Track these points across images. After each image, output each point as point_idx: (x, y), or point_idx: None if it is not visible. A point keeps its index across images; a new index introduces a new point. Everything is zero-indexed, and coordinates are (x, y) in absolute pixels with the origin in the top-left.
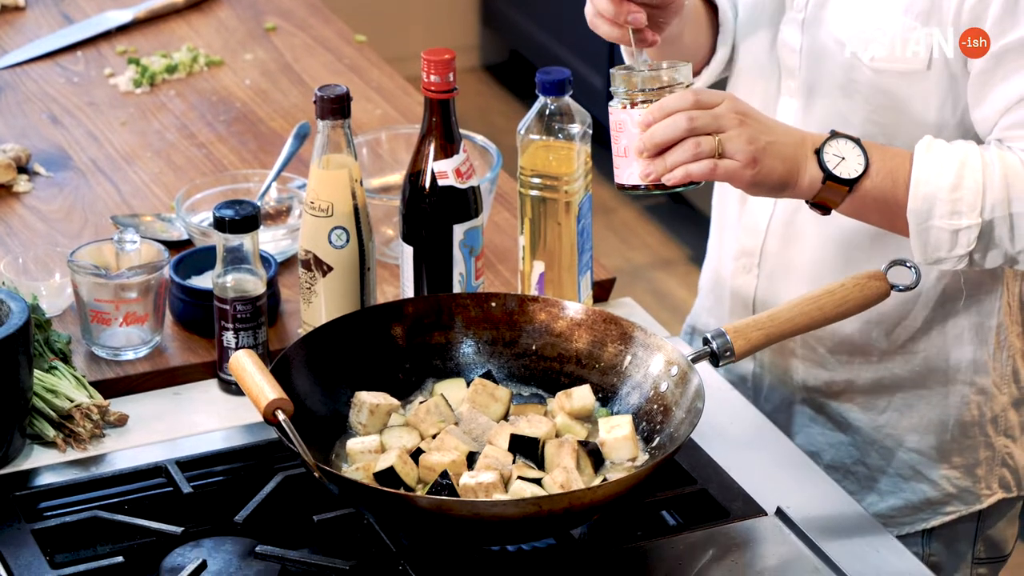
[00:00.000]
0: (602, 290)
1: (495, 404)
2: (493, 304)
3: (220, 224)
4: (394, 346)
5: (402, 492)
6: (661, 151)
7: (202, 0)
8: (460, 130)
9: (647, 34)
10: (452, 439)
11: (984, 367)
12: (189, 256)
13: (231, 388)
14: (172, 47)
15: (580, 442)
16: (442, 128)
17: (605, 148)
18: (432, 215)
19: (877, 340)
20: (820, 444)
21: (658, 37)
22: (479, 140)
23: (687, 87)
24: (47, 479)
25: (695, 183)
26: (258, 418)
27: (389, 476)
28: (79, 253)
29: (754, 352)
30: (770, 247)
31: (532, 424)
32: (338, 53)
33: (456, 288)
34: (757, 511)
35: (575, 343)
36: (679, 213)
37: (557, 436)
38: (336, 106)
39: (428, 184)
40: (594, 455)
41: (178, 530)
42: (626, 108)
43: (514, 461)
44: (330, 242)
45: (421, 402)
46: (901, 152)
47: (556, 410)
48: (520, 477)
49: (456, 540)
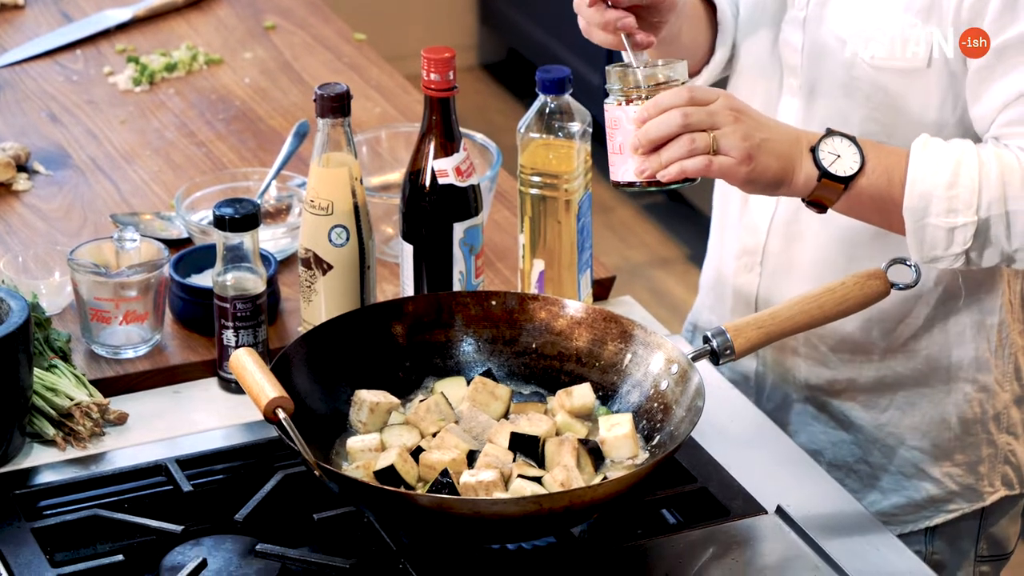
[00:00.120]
0: (602, 288)
1: (495, 402)
2: (493, 302)
3: (220, 222)
4: (394, 344)
5: (402, 490)
6: (656, 147)
7: None
8: (460, 128)
9: (641, 37)
10: (452, 437)
11: (986, 365)
12: (189, 254)
13: (231, 386)
14: (171, 45)
15: (580, 440)
16: (442, 126)
17: (604, 147)
18: (432, 213)
19: (879, 338)
20: (822, 442)
21: (653, 38)
22: (479, 138)
23: (682, 84)
24: (47, 477)
25: (690, 180)
26: (258, 416)
27: (389, 474)
28: (79, 251)
29: (754, 350)
30: (772, 246)
31: (532, 422)
32: (337, 52)
33: (456, 286)
34: (757, 509)
35: (575, 341)
36: (677, 212)
37: (557, 434)
38: (336, 104)
39: (428, 182)
40: (594, 453)
41: (178, 528)
42: (621, 105)
43: (514, 459)
44: (330, 240)
45: (421, 400)
46: (897, 150)
47: (556, 408)
48: (520, 475)
49: (456, 539)
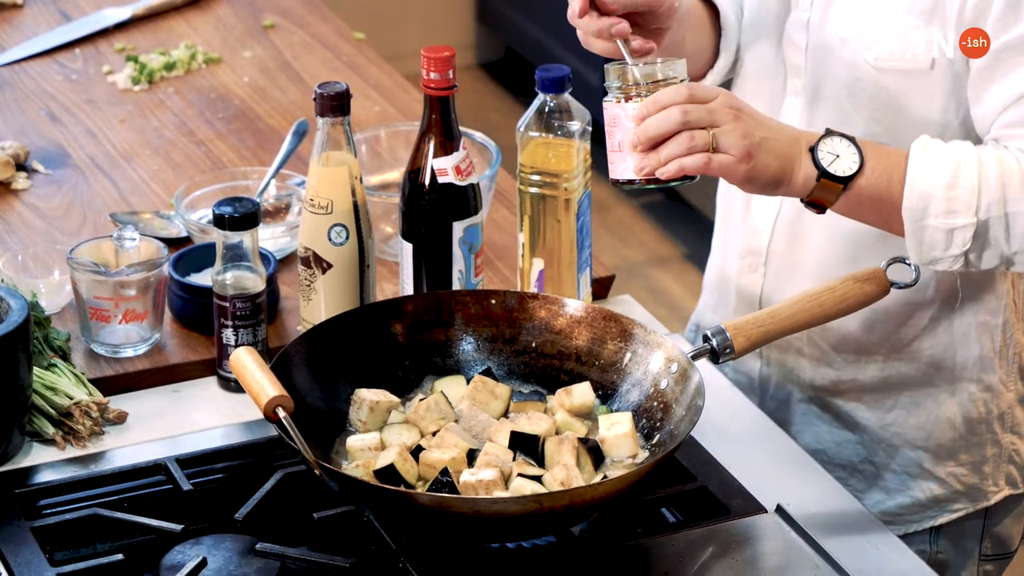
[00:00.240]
0: (601, 287)
1: (495, 401)
2: (493, 301)
3: (220, 221)
4: (394, 343)
5: (402, 489)
6: (655, 145)
7: None
8: (459, 127)
9: (639, 44)
10: (452, 436)
11: (990, 365)
12: (188, 253)
13: (230, 385)
14: (170, 44)
15: (580, 439)
16: (442, 125)
17: (604, 145)
18: (432, 212)
19: (883, 339)
20: (827, 442)
21: (653, 44)
22: (478, 137)
23: (681, 82)
24: (46, 477)
25: (689, 178)
26: (257, 415)
27: (389, 473)
28: (78, 250)
29: (754, 349)
30: (776, 246)
31: (532, 421)
32: (336, 51)
33: (455, 285)
34: (757, 508)
35: (575, 340)
36: (675, 211)
37: (557, 433)
38: (336, 103)
39: (428, 181)
40: (594, 452)
41: (178, 528)
42: (620, 103)
43: (514, 458)
44: (330, 239)
45: (421, 399)
46: (897, 151)
47: (556, 407)
48: (520, 474)
49: (456, 537)
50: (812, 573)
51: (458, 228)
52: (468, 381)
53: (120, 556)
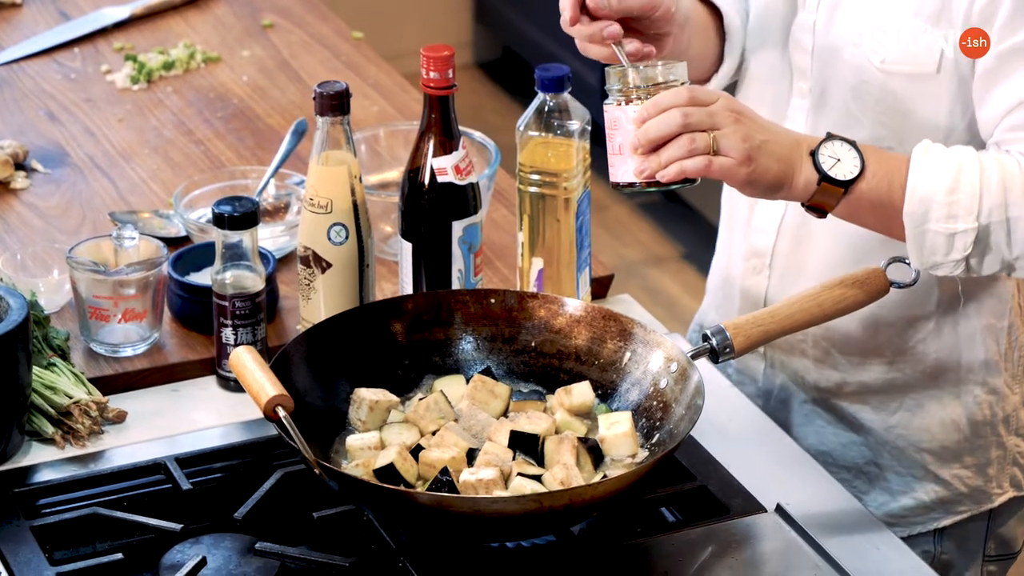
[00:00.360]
0: (600, 287)
1: (494, 400)
2: (492, 300)
3: (219, 220)
4: (393, 342)
5: (402, 489)
6: (655, 148)
7: None
8: (459, 127)
9: (635, 47)
10: (452, 435)
11: (996, 367)
12: (188, 252)
13: (230, 385)
14: (169, 44)
15: (580, 439)
16: (441, 124)
17: (602, 145)
18: (431, 211)
19: (888, 342)
20: (831, 444)
21: (651, 48)
22: (477, 137)
23: (682, 85)
24: (46, 476)
25: (689, 181)
26: (257, 415)
27: (389, 473)
28: (77, 249)
29: (753, 349)
30: (781, 248)
31: (532, 420)
32: (335, 50)
33: (455, 284)
34: (757, 508)
35: (574, 339)
36: (672, 210)
37: (557, 433)
38: (336, 102)
39: (427, 180)
40: (594, 452)
41: (177, 527)
42: (621, 105)
43: (514, 458)
44: (329, 239)
45: (420, 399)
46: (898, 156)
47: (556, 406)
48: (520, 474)
49: (456, 537)
50: (812, 573)
51: (457, 227)
52: (468, 380)
53: (119, 555)
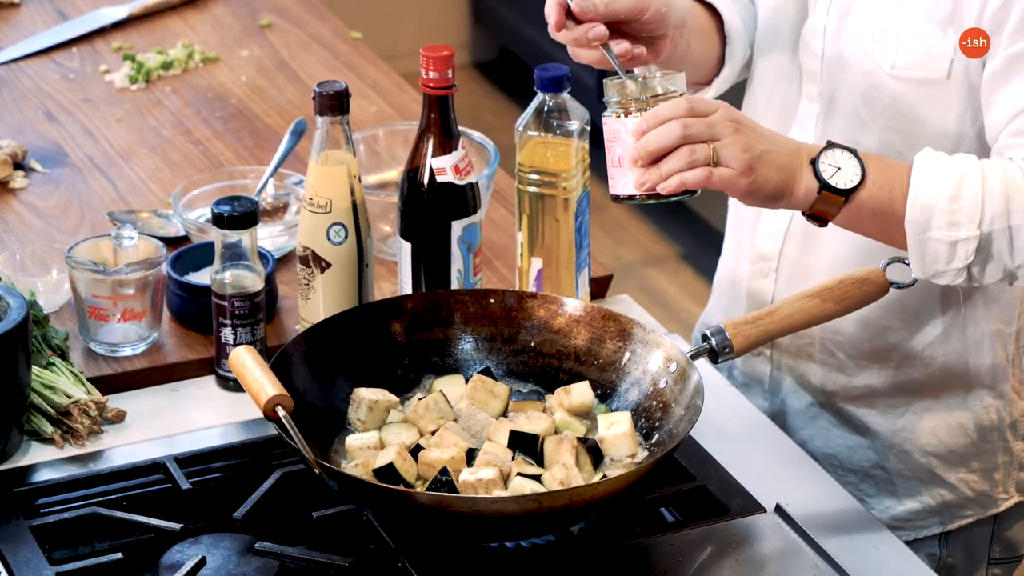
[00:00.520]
0: (599, 287)
1: (494, 400)
2: (492, 300)
3: (219, 220)
4: (393, 342)
5: (402, 489)
6: (655, 160)
7: None
8: (458, 126)
9: (624, 48)
10: (451, 435)
11: (1003, 372)
12: (187, 252)
13: (229, 384)
14: (167, 43)
15: (579, 439)
16: (440, 124)
17: (601, 146)
18: (430, 211)
19: (896, 346)
20: (838, 447)
21: (642, 49)
22: (476, 137)
23: (681, 95)
24: (45, 475)
25: (690, 192)
26: (256, 414)
27: (389, 472)
28: (77, 249)
29: (753, 349)
30: (788, 252)
31: (531, 420)
32: (334, 50)
33: (454, 284)
34: (756, 508)
35: (574, 340)
36: (670, 211)
37: (556, 433)
38: (335, 102)
39: (426, 180)
40: (593, 452)
41: (177, 527)
42: (620, 117)
43: (513, 457)
44: (328, 238)
45: (420, 398)
46: (899, 164)
47: (555, 407)
48: (520, 474)
49: (456, 537)
50: (811, 573)
51: (457, 227)
52: (467, 380)
53: (119, 555)
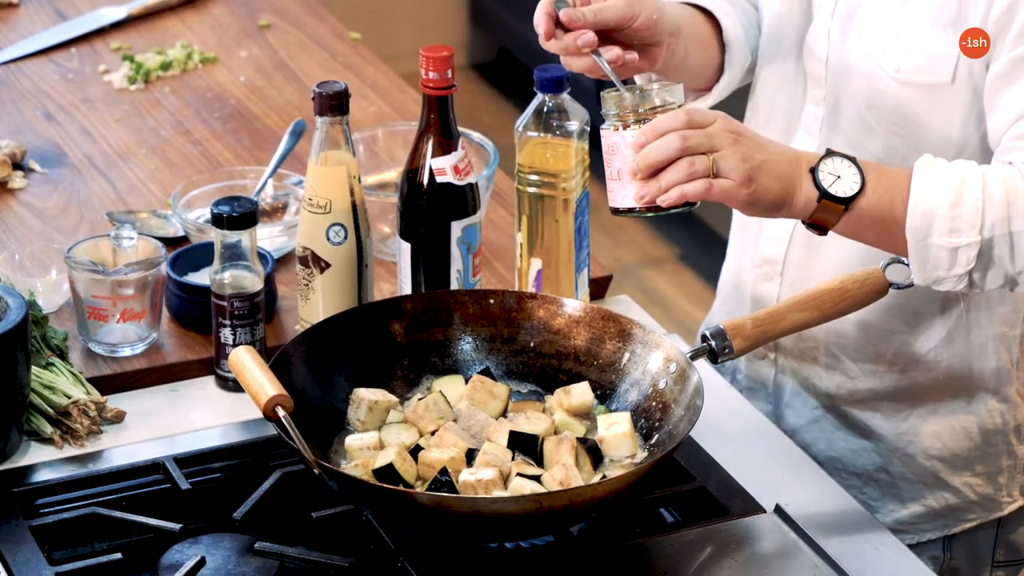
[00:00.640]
0: (598, 287)
1: (493, 401)
2: (491, 301)
3: (218, 220)
4: (392, 343)
5: (402, 489)
6: (655, 172)
7: None
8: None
9: (614, 55)
10: (451, 436)
11: (1007, 376)
12: (186, 252)
13: (228, 385)
14: (166, 44)
15: (579, 439)
16: (440, 125)
17: (600, 146)
18: (430, 212)
19: (900, 349)
20: (842, 450)
21: (633, 55)
22: (475, 137)
23: (679, 107)
24: (44, 476)
25: (690, 204)
26: (255, 415)
27: (388, 473)
28: (76, 249)
29: (753, 349)
30: (793, 256)
31: (531, 421)
32: (332, 50)
33: (454, 285)
34: (756, 508)
35: (573, 340)
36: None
37: (556, 433)
38: (335, 103)
39: (426, 181)
40: (593, 452)
41: (176, 527)
42: (618, 130)
43: (513, 458)
44: (328, 239)
45: (419, 399)
46: (899, 171)
47: (555, 407)
48: (519, 474)
49: (455, 537)
50: (811, 573)
51: (456, 228)
52: (466, 381)
53: (118, 555)
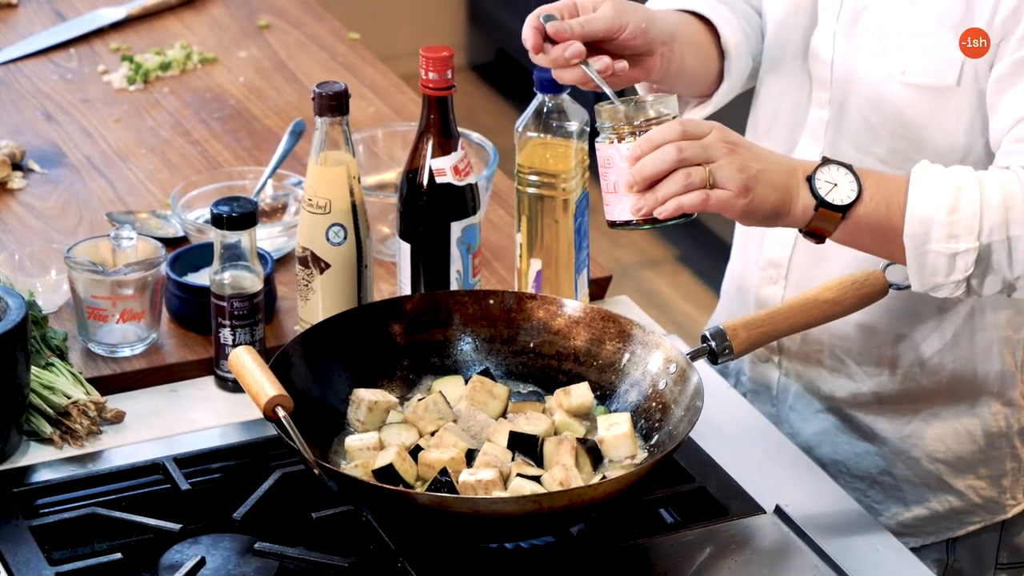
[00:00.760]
0: (598, 288)
1: (493, 401)
2: (491, 301)
3: (218, 220)
4: (392, 343)
5: (402, 489)
6: (651, 184)
7: None
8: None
9: (604, 64)
10: (451, 436)
11: (1012, 379)
12: (186, 253)
13: (228, 385)
14: (166, 44)
15: (579, 440)
16: (440, 125)
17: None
18: (430, 212)
19: (905, 352)
20: (846, 453)
21: (624, 63)
22: (475, 138)
23: (673, 118)
24: (44, 476)
25: (688, 216)
26: (255, 415)
27: (388, 473)
28: (76, 250)
29: (753, 350)
30: (798, 260)
31: (531, 421)
32: (332, 51)
33: (453, 285)
34: (756, 509)
35: (573, 340)
36: None
37: (556, 434)
38: (335, 103)
39: (426, 181)
40: (593, 453)
41: (176, 527)
42: (613, 143)
43: (513, 458)
44: (327, 239)
45: (419, 399)
46: (896, 178)
47: (554, 407)
48: (519, 475)
49: (455, 538)
50: (811, 574)
51: (456, 228)
52: (466, 381)
53: (118, 555)
